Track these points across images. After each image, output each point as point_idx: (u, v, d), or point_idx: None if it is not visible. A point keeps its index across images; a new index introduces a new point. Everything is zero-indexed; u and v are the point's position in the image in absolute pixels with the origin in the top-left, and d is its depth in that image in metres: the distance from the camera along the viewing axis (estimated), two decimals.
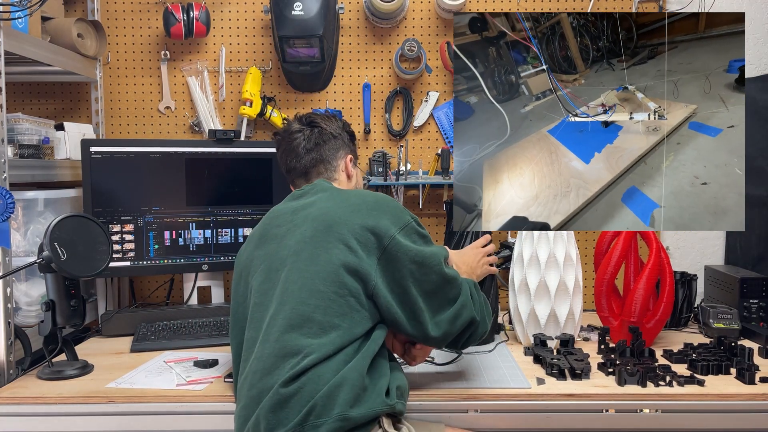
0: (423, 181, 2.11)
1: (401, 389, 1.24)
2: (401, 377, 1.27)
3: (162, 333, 1.80)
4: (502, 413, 1.37)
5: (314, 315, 1.18)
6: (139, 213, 1.91)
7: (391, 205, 1.31)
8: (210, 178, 1.98)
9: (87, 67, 2.04)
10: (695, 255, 2.24)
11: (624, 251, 1.73)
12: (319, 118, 1.51)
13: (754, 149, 2.02)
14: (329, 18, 2.03)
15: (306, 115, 1.53)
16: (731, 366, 1.52)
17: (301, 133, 1.48)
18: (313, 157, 1.47)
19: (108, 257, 1.55)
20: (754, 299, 1.87)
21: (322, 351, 1.15)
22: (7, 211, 1.49)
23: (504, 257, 2.11)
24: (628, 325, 1.68)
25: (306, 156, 1.46)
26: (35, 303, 1.76)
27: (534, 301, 1.70)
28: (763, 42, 2.20)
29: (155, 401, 1.39)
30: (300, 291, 1.20)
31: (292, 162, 1.48)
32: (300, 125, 1.50)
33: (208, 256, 1.98)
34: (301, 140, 1.47)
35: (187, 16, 2.06)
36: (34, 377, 1.51)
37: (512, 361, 1.59)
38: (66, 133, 1.91)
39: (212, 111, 2.17)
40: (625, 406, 1.38)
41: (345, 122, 1.57)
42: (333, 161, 1.48)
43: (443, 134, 2.19)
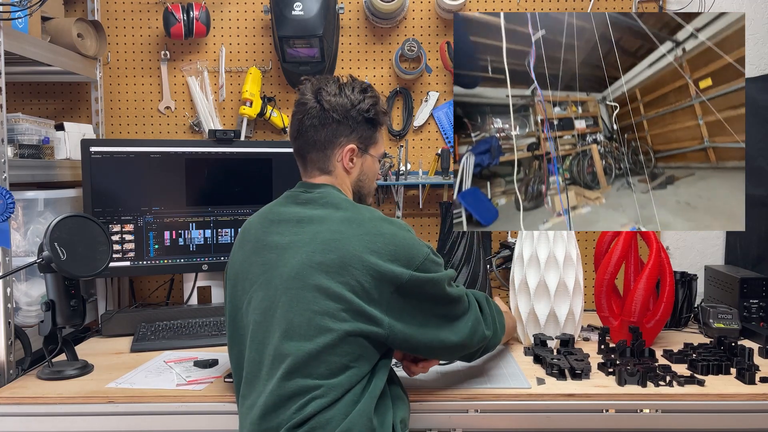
0: (423, 181, 2.11)
1: (404, 421, 1.21)
2: (403, 407, 1.23)
3: (162, 333, 1.80)
4: (502, 413, 1.37)
5: (323, 355, 1.10)
6: (139, 213, 1.91)
7: (408, 241, 1.19)
8: (210, 178, 1.98)
9: (87, 67, 2.04)
10: (695, 255, 2.24)
11: (624, 251, 1.73)
12: (330, 88, 1.28)
13: (754, 149, 2.02)
14: (329, 18, 2.03)
15: (320, 80, 1.31)
16: (731, 366, 1.52)
17: (305, 106, 1.28)
18: (307, 140, 1.28)
19: (108, 257, 1.55)
20: (754, 299, 1.87)
21: (330, 394, 1.09)
22: (7, 211, 1.49)
23: (504, 257, 2.12)
24: (628, 325, 1.68)
25: (301, 138, 1.29)
26: (35, 303, 1.75)
27: (534, 301, 1.70)
28: (763, 42, 2.20)
29: (155, 401, 1.39)
30: (308, 328, 1.12)
31: (292, 139, 1.32)
32: (308, 95, 1.28)
33: (208, 256, 1.98)
34: (302, 116, 1.28)
35: (187, 16, 2.06)
36: (34, 377, 1.51)
37: (512, 361, 1.59)
38: (66, 133, 1.91)
39: (212, 111, 2.17)
40: (625, 406, 1.38)
41: (366, 98, 1.29)
42: (328, 149, 1.28)
43: (443, 134, 2.19)
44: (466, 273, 1.72)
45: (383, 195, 2.17)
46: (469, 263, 1.73)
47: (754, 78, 2.08)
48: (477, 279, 1.73)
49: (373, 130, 1.32)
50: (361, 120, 1.29)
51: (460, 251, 1.74)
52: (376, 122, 1.32)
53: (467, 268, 1.73)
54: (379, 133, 1.35)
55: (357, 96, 1.28)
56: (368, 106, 1.29)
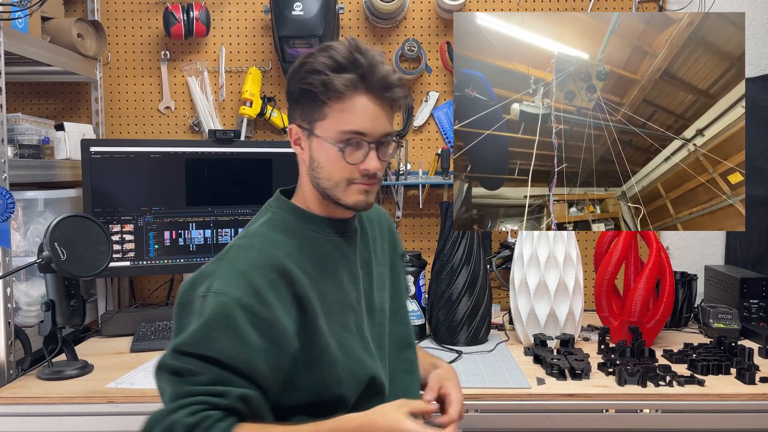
0: (423, 181, 2.11)
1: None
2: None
3: (162, 333, 1.80)
4: (502, 413, 1.37)
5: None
6: (139, 213, 1.91)
7: (191, 283, 0.98)
8: (210, 178, 1.98)
9: (87, 67, 2.04)
10: (695, 255, 2.24)
11: (624, 251, 1.73)
12: (297, 60, 1.03)
13: (754, 149, 2.02)
14: (329, 18, 2.03)
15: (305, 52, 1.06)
16: (731, 366, 1.52)
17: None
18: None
19: (108, 257, 1.55)
20: (754, 299, 1.87)
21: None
22: (7, 211, 1.49)
23: (504, 257, 2.12)
24: (628, 325, 1.68)
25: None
26: (35, 303, 1.75)
27: (534, 301, 1.70)
28: (763, 42, 2.20)
29: (155, 401, 1.37)
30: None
31: None
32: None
33: (208, 256, 1.98)
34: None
35: (187, 16, 2.06)
36: (34, 377, 1.51)
37: (512, 361, 1.59)
38: (66, 133, 1.91)
39: (212, 111, 2.17)
40: (625, 406, 1.38)
41: (305, 60, 1.00)
42: (289, 134, 1.07)
43: (443, 134, 2.19)
44: (466, 273, 1.72)
45: (383, 195, 2.17)
46: (469, 263, 1.73)
47: (754, 78, 2.08)
48: (477, 279, 1.73)
49: (313, 102, 0.99)
50: (297, 92, 1.01)
51: (460, 251, 1.74)
52: (312, 93, 0.98)
53: (467, 269, 1.73)
54: (330, 107, 0.98)
55: (296, 67, 1.01)
56: (304, 71, 0.99)
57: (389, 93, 1.01)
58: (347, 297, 1.06)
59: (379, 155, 1.03)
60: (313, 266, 1.03)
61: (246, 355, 0.90)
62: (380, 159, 1.03)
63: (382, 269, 1.18)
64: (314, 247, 1.05)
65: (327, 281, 1.04)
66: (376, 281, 1.14)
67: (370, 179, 1.03)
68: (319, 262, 1.04)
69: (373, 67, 0.99)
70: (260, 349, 0.91)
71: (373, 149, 1.01)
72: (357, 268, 1.10)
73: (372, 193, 1.06)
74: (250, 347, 0.91)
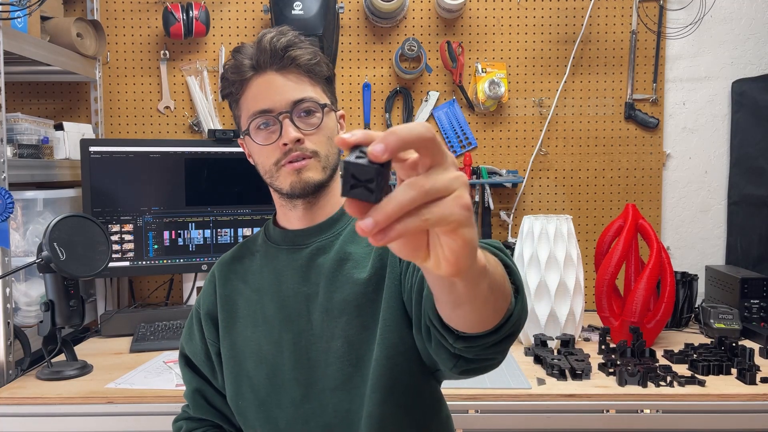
0: None
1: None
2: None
3: (161, 333, 1.79)
4: (502, 413, 1.37)
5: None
6: (139, 213, 1.91)
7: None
8: (209, 178, 1.97)
9: (86, 66, 2.04)
10: (696, 255, 2.24)
11: (624, 251, 1.72)
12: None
13: (754, 149, 2.02)
14: (329, 18, 2.03)
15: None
16: (732, 366, 1.51)
17: None
18: None
19: (107, 257, 1.54)
20: (754, 299, 1.86)
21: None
22: (7, 211, 1.48)
23: None
24: (628, 326, 1.67)
25: None
26: (34, 303, 1.75)
27: (534, 301, 1.70)
28: (764, 42, 2.20)
29: (154, 401, 1.38)
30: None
31: None
32: None
33: (207, 256, 1.98)
34: None
35: (186, 16, 2.05)
36: (34, 377, 1.51)
37: (512, 361, 1.58)
38: (65, 133, 1.91)
39: (212, 111, 2.17)
40: (626, 406, 1.38)
41: (222, 75, 1.01)
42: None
43: (443, 134, 2.19)
44: None
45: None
46: None
47: (754, 78, 2.08)
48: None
49: (233, 106, 1.02)
50: (229, 105, 1.04)
51: None
52: (228, 97, 1.02)
53: None
54: (240, 103, 1.00)
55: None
56: (221, 85, 1.02)
57: (284, 57, 0.95)
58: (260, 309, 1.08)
59: (299, 125, 0.95)
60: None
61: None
62: (301, 130, 0.95)
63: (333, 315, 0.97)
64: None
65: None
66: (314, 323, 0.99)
67: (297, 154, 0.94)
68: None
69: (259, 44, 0.95)
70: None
71: (288, 119, 0.94)
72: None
73: (308, 170, 0.95)
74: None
